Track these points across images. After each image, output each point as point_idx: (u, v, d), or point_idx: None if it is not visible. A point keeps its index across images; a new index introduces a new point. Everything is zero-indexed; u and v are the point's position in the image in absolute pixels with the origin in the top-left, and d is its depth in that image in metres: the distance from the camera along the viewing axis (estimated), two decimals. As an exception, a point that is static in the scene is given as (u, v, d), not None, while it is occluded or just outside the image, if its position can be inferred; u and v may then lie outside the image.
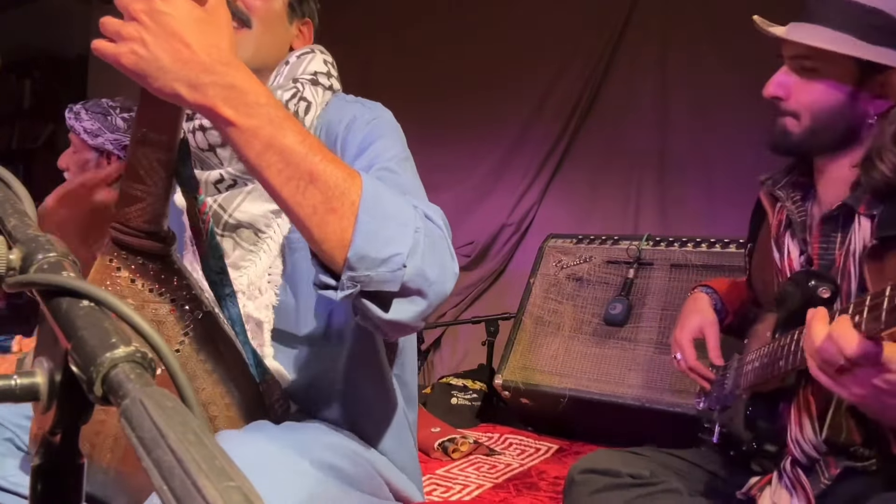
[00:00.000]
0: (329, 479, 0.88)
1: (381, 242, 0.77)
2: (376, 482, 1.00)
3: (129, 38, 0.74)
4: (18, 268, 0.44)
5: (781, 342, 1.13)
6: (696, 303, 1.47)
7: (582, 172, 3.60)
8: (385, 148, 0.99)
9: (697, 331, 1.42)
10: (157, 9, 0.74)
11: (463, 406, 2.88)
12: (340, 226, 0.77)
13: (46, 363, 0.40)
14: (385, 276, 0.77)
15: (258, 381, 0.96)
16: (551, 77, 3.64)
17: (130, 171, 0.84)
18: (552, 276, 2.99)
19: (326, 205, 0.76)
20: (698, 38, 3.24)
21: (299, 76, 1.07)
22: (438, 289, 0.81)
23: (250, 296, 1.02)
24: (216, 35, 0.77)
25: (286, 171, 0.76)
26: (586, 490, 1.26)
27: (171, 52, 0.74)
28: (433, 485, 2.11)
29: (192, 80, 0.74)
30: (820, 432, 1.10)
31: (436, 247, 0.82)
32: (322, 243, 0.78)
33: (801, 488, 1.11)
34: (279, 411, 0.99)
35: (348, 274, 0.77)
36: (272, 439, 0.86)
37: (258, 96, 0.76)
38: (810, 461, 1.13)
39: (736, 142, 3.12)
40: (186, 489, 0.28)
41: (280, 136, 0.76)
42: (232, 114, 0.75)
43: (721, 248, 2.71)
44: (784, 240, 1.25)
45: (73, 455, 0.42)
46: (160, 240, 0.86)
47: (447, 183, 3.83)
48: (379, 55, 3.86)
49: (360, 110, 1.05)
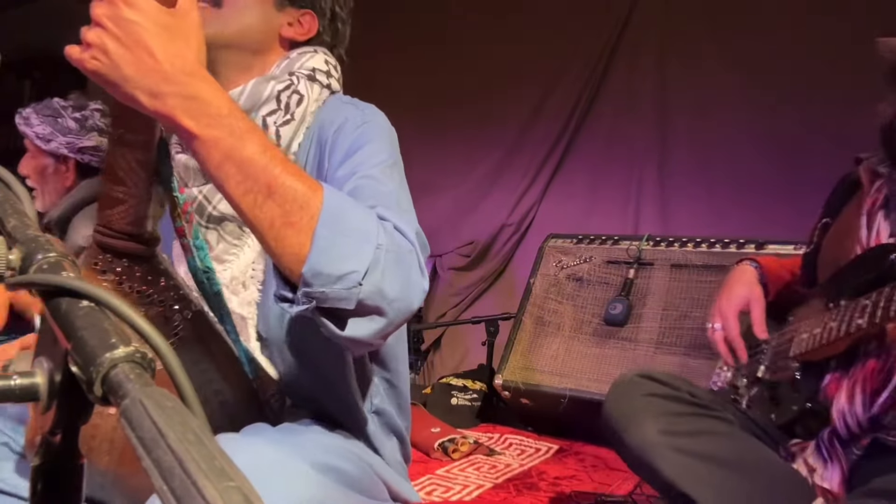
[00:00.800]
0: (330, 482, 0.87)
1: (337, 259, 0.76)
2: (376, 484, 1.00)
3: (92, 44, 0.74)
4: (18, 268, 0.44)
5: (861, 303, 1.10)
6: (743, 275, 1.43)
7: (582, 172, 3.61)
8: (371, 154, 0.97)
9: (744, 303, 1.38)
10: (122, 16, 0.73)
11: (463, 406, 2.88)
12: (298, 240, 0.76)
13: (46, 363, 0.40)
14: (340, 293, 0.75)
15: (252, 378, 0.95)
16: (551, 77, 3.64)
17: (110, 173, 0.83)
18: (552, 276, 2.99)
19: (284, 218, 0.76)
20: (698, 38, 3.25)
21: (296, 70, 1.06)
22: (400, 306, 0.80)
23: (234, 290, 1.00)
24: (182, 43, 0.76)
25: (244, 183, 0.75)
26: (641, 391, 1.24)
27: (134, 60, 0.73)
28: (433, 485, 2.11)
29: (153, 89, 0.74)
30: (869, 409, 1.09)
31: (401, 263, 0.80)
32: (280, 257, 0.77)
33: (836, 459, 1.11)
34: (275, 406, 0.98)
35: (303, 290, 0.76)
36: (271, 442, 0.85)
37: (220, 108, 0.75)
38: (850, 435, 1.13)
39: (736, 142, 3.12)
40: (186, 489, 0.28)
41: (240, 148, 0.75)
42: (192, 124, 0.74)
43: (721, 248, 2.71)
44: (876, 217, 1.23)
45: (72, 455, 0.42)
46: (144, 241, 0.86)
47: (447, 183, 3.83)
48: (379, 55, 3.86)
49: (352, 113, 1.03)
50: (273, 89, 1.02)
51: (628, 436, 1.21)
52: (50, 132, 2.01)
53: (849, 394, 1.13)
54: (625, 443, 1.22)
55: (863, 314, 1.08)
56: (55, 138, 2.01)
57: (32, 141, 2.03)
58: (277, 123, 1.01)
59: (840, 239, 1.33)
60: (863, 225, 1.25)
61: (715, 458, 1.16)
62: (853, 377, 1.14)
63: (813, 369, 1.22)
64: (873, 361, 1.11)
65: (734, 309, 1.38)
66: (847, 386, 1.14)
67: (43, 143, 2.01)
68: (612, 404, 1.28)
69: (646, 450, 1.18)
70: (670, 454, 1.16)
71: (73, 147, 2.03)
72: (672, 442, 1.17)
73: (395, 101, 1.15)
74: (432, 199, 3.71)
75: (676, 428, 1.19)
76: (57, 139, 2.01)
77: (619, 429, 1.24)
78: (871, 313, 1.07)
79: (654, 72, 3.39)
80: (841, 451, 1.12)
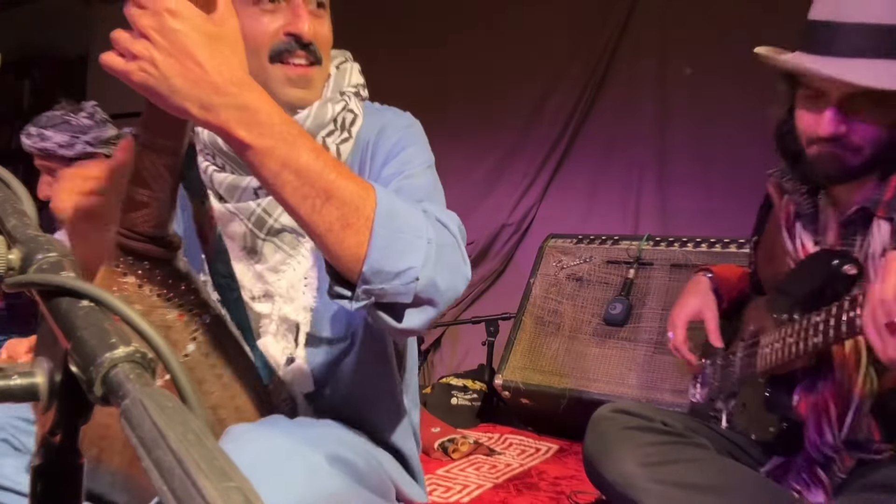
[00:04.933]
0: (340, 475, 0.88)
1: (395, 256, 0.79)
2: (385, 482, 1.00)
3: (139, 55, 0.73)
4: (18, 268, 0.44)
5: (812, 319, 1.12)
6: (696, 286, 1.49)
7: (582, 173, 3.60)
8: (414, 155, 1.01)
9: (695, 313, 1.44)
10: (167, 26, 0.72)
11: (463, 406, 2.88)
12: (356, 240, 0.78)
13: (46, 363, 0.40)
14: (398, 288, 0.79)
15: (265, 383, 0.96)
16: (551, 77, 3.64)
17: (136, 176, 0.83)
18: (552, 276, 2.99)
19: (342, 221, 0.77)
20: (698, 39, 3.24)
21: (346, 89, 1.07)
22: (449, 296, 0.84)
23: (288, 299, 1.02)
24: (227, 51, 0.75)
25: (302, 189, 0.76)
26: (616, 426, 1.27)
27: (182, 71, 0.73)
28: (433, 485, 2.11)
29: (204, 101, 0.73)
30: (839, 435, 1.10)
31: (447, 254, 0.84)
32: (339, 259, 0.79)
33: (818, 482, 1.12)
34: (286, 410, 1.00)
35: (363, 287, 0.79)
36: (285, 433, 0.86)
37: (271, 116, 0.76)
38: (827, 459, 1.14)
39: (736, 142, 3.12)
40: (186, 489, 0.28)
41: (295, 156, 0.76)
42: (245, 135, 0.75)
43: (721, 248, 2.71)
44: (795, 230, 1.26)
45: (72, 455, 0.42)
46: (166, 245, 0.86)
47: (447, 183, 3.79)
48: (379, 56, 3.85)
49: (393, 118, 1.07)
50: (333, 111, 1.03)
51: (607, 472, 1.23)
52: (70, 137, 2.00)
53: (815, 425, 1.14)
54: (605, 479, 1.24)
55: (817, 332, 1.10)
56: (77, 140, 2.00)
57: (55, 152, 1.99)
58: (337, 143, 1.03)
59: (770, 255, 1.37)
60: (786, 238, 1.28)
61: (694, 484, 1.18)
62: (818, 400, 1.14)
63: (782, 383, 1.23)
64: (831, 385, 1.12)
65: (683, 318, 1.44)
66: (813, 416, 1.15)
67: (68, 150, 1.99)
68: (589, 443, 1.31)
69: (626, 484, 1.20)
70: (650, 486, 1.18)
71: (100, 139, 2.02)
72: (650, 473, 1.19)
73: (395, 102, 1.15)
74: (432, 199, 3.70)
75: (653, 459, 1.20)
76: (80, 140, 2.00)
77: (598, 466, 1.26)
78: (823, 332, 1.08)
79: (655, 72, 3.39)
80: (822, 474, 1.12)
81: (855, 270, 1.10)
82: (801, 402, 1.18)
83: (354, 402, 1.04)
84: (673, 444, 1.24)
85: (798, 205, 1.25)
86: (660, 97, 3.38)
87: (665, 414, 1.32)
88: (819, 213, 1.24)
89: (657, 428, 1.26)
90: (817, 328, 1.10)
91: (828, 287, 1.08)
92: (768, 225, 1.40)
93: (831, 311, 1.07)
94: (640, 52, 3.43)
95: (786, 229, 1.28)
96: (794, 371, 1.20)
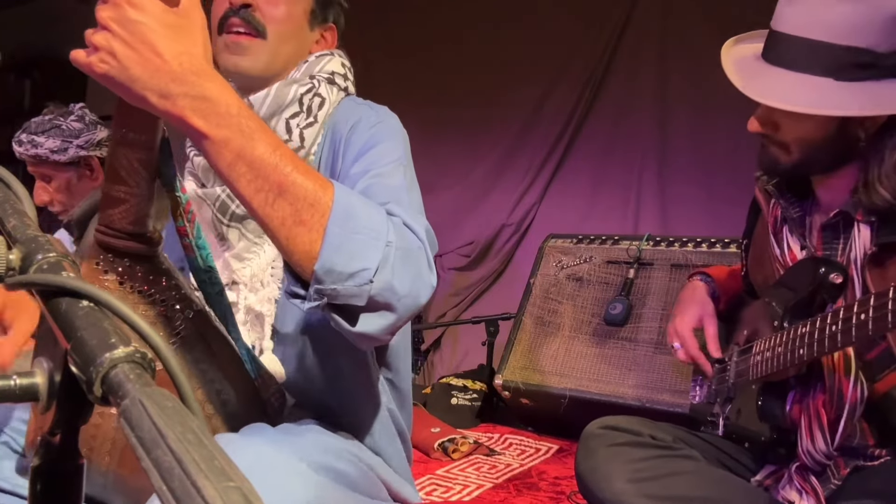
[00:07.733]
0: (329, 482, 0.87)
1: (348, 256, 0.77)
2: (375, 484, 1.00)
3: (99, 47, 0.74)
4: (18, 268, 0.44)
5: (800, 330, 1.12)
6: (694, 292, 1.48)
7: (582, 172, 3.60)
8: (384, 153, 0.99)
9: (697, 321, 1.43)
10: (127, 17, 0.73)
11: (463, 406, 2.88)
12: (309, 238, 0.77)
13: (46, 363, 0.40)
14: (352, 290, 0.77)
15: (253, 377, 0.96)
16: (551, 77, 3.64)
17: (111, 173, 0.83)
18: (552, 276, 2.99)
19: (295, 217, 0.76)
20: (698, 38, 3.24)
21: (316, 73, 1.07)
22: (409, 302, 0.81)
23: (252, 288, 1.01)
24: (188, 41, 0.75)
25: (255, 182, 0.76)
26: (604, 443, 1.26)
27: (141, 61, 0.73)
28: (433, 485, 2.11)
29: (162, 90, 0.73)
30: (832, 441, 1.10)
31: (410, 259, 0.82)
32: (291, 255, 0.78)
33: (811, 490, 1.12)
34: (276, 405, 0.99)
35: (315, 287, 0.77)
36: (271, 442, 0.85)
37: (229, 107, 0.75)
38: (821, 466, 1.14)
39: (736, 142, 3.12)
40: (186, 489, 0.28)
41: (250, 148, 0.75)
42: (202, 124, 0.74)
43: (721, 248, 2.71)
44: (783, 235, 1.26)
45: (72, 455, 0.42)
46: (146, 241, 0.86)
47: (447, 183, 3.83)
48: (379, 55, 3.85)
49: (367, 113, 1.05)
50: (296, 92, 1.03)
51: (599, 490, 1.23)
52: (61, 142, 1.99)
53: (807, 432, 1.14)
54: (597, 497, 1.24)
55: (802, 344, 1.10)
56: (70, 144, 1.99)
57: (48, 158, 1.99)
58: (301, 126, 1.02)
59: (760, 260, 1.37)
60: (773, 244, 1.28)
61: (685, 497, 1.18)
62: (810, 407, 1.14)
63: (775, 391, 1.23)
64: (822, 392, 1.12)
65: (688, 327, 1.43)
66: (805, 422, 1.14)
67: (61, 155, 1.99)
68: (579, 461, 1.31)
69: (617, 502, 1.19)
70: (641, 501, 1.17)
71: (92, 142, 2.01)
72: (640, 489, 1.18)
73: (396, 102, 1.15)
74: (432, 199, 3.69)
75: (643, 475, 1.20)
76: (72, 144, 1.99)
77: (589, 484, 1.26)
78: (808, 345, 1.08)
79: (654, 72, 3.39)
80: (816, 482, 1.12)
81: (841, 279, 1.10)
82: (794, 409, 1.18)
83: (329, 397, 1.02)
84: (662, 457, 1.23)
85: (784, 209, 1.25)
86: (660, 97, 3.38)
87: (654, 426, 1.31)
88: (805, 218, 1.24)
89: (646, 442, 1.26)
90: (803, 340, 1.10)
91: (816, 295, 1.07)
92: (757, 228, 1.40)
93: (815, 324, 1.08)
94: (640, 52, 3.43)
95: (773, 234, 1.28)
96: (787, 378, 1.20)
